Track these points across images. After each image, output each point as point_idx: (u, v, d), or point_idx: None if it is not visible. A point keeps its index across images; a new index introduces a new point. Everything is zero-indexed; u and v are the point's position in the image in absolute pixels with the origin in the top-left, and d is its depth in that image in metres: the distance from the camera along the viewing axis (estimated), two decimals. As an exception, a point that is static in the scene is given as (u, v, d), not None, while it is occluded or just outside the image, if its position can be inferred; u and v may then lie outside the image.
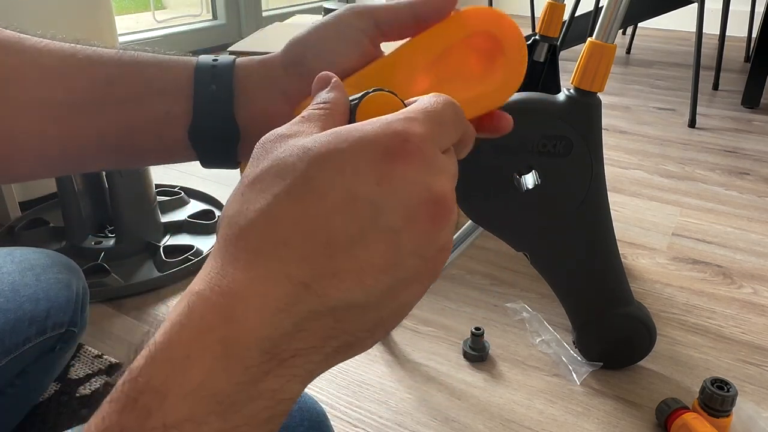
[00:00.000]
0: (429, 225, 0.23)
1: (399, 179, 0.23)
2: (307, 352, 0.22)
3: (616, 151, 1.55)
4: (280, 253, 0.22)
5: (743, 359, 0.83)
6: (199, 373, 0.20)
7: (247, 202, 0.24)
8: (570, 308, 0.79)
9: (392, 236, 0.22)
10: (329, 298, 0.22)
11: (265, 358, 0.21)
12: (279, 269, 0.22)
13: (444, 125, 0.26)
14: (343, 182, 0.22)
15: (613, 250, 0.75)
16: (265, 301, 0.21)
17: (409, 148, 0.23)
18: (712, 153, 1.56)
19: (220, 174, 1.34)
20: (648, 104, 1.93)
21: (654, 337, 0.78)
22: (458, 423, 0.73)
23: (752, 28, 2.50)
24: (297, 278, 0.22)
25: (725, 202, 1.28)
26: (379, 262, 0.22)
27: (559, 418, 0.73)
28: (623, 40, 2.75)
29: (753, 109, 1.90)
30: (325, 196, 0.22)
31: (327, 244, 0.22)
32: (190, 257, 1.02)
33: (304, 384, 0.23)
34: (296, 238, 0.22)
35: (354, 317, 0.23)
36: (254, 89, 0.39)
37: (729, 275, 1.03)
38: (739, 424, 0.70)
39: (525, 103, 0.67)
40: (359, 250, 0.22)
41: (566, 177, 0.62)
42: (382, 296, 0.23)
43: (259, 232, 0.22)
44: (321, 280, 0.22)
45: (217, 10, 2.47)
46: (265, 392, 0.22)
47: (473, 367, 0.81)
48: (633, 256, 1.07)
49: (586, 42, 0.67)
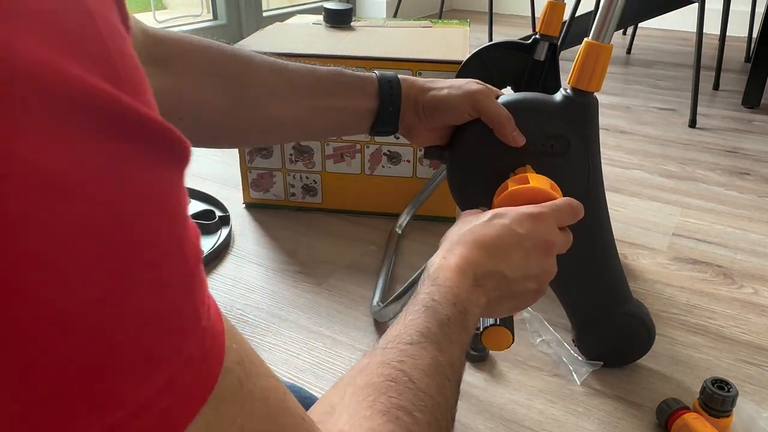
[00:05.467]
0: (545, 252, 0.51)
1: (535, 226, 0.51)
2: (485, 291, 0.48)
3: (616, 151, 1.55)
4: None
5: (744, 359, 0.83)
6: (457, 282, 0.46)
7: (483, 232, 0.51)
8: (569, 308, 0.79)
9: (527, 254, 0.50)
10: (498, 267, 0.48)
11: (473, 282, 0.47)
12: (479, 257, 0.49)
13: (564, 215, 0.54)
14: (510, 224, 0.51)
15: (612, 249, 0.75)
16: (470, 266, 0.47)
17: (540, 216, 0.52)
18: (712, 153, 1.56)
19: (221, 174, 1.34)
20: (648, 104, 1.93)
21: (653, 336, 0.79)
22: (458, 423, 0.72)
23: (753, 28, 2.50)
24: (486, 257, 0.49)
25: (726, 202, 1.28)
26: (520, 263, 0.50)
27: (560, 418, 0.73)
28: (624, 40, 2.75)
29: (753, 109, 1.90)
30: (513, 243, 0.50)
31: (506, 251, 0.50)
32: (190, 257, 1.02)
33: (482, 307, 0.47)
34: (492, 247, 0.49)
35: (505, 285, 0.49)
36: (405, 110, 0.65)
37: (729, 275, 1.03)
38: (740, 424, 0.70)
39: (522, 103, 0.67)
40: (515, 256, 0.49)
41: (564, 176, 0.62)
42: (519, 278, 0.49)
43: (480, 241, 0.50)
44: (497, 261, 0.48)
45: (218, 10, 2.47)
46: (474, 295, 0.47)
47: (473, 367, 0.81)
48: (633, 256, 1.07)
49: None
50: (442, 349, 0.40)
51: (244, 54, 0.63)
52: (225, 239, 1.09)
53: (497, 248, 0.48)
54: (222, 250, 1.07)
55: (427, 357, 0.39)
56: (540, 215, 0.51)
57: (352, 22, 1.30)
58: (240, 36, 2.44)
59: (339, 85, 0.64)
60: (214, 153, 1.46)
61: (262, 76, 0.62)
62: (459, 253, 0.48)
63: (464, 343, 0.44)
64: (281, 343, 0.85)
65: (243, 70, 0.61)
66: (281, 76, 0.63)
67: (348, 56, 1.08)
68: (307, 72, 0.64)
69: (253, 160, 1.18)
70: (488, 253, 0.48)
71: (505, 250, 0.49)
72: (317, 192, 1.19)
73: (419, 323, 0.41)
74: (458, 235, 0.50)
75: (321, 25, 1.29)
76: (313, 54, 1.08)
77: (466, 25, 1.32)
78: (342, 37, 1.21)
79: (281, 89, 0.62)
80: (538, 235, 0.50)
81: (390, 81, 0.64)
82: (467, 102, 0.63)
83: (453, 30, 1.28)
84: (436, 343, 0.40)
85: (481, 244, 0.48)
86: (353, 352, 0.84)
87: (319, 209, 1.21)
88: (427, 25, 1.33)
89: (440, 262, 0.47)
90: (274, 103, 0.62)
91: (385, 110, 0.64)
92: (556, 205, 0.54)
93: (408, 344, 0.39)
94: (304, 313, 0.91)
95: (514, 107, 0.65)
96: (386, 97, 0.64)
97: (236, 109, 0.62)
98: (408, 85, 0.65)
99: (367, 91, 0.64)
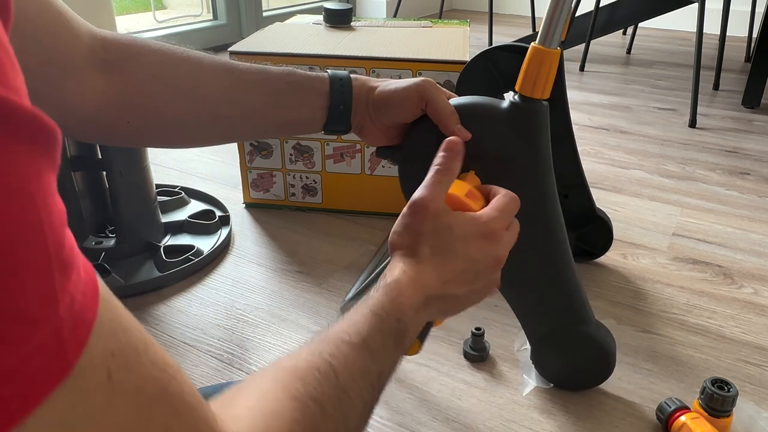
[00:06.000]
0: (494, 270, 0.54)
1: (487, 250, 0.53)
2: (431, 312, 0.50)
3: (616, 151, 1.55)
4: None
5: (744, 359, 0.83)
6: (408, 301, 0.47)
7: (428, 238, 0.51)
8: (523, 323, 0.77)
9: (474, 269, 0.52)
10: (449, 291, 0.51)
11: (423, 303, 0.48)
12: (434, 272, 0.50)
13: (510, 213, 0.55)
14: (466, 247, 0.52)
15: (566, 262, 0.71)
16: (424, 289, 0.49)
17: (494, 237, 0.53)
18: (712, 153, 1.56)
19: (221, 174, 1.34)
20: (648, 104, 1.93)
21: (612, 361, 0.75)
22: (458, 423, 0.73)
23: (753, 28, 2.50)
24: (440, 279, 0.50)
25: (726, 202, 1.28)
26: (469, 284, 0.52)
27: (560, 418, 0.73)
28: (624, 40, 2.75)
29: (753, 109, 1.90)
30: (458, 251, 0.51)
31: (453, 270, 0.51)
32: (190, 257, 1.02)
33: (422, 325, 0.50)
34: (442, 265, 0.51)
35: (451, 304, 0.52)
36: (356, 108, 0.66)
37: (729, 275, 1.03)
38: (740, 424, 0.70)
39: (467, 107, 0.65)
40: (466, 277, 0.52)
41: (511, 183, 0.59)
42: (466, 293, 0.52)
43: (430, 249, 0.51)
44: (450, 287, 0.51)
45: (218, 10, 2.47)
46: (420, 316, 0.49)
47: (474, 367, 0.81)
48: (633, 256, 1.07)
49: (587, 41, 0.66)
50: (376, 359, 0.42)
51: (195, 55, 0.63)
52: (225, 239, 1.09)
53: (454, 276, 0.51)
54: (222, 250, 1.07)
55: (359, 360, 0.40)
56: (493, 235, 0.53)
57: (352, 22, 1.30)
58: (240, 36, 2.44)
59: (290, 84, 0.64)
60: (214, 153, 1.46)
61: (213, 77, 0.62)
62: (418, 272, 0.49)
63: (397, 359, 0.46)
64: (281, 343, 0.85)
65: (193, 71, 0.62)
66: (232, 75, 0.63)
67: (348, 56, 1.08)
68: (258, 71, 0.64)
69: (253, 160, 1.18)
70: (444, 281, 0.50)
71: (460, 275, 0.51)
72: (317, 192, 1.19)
73: (363, 327, 0.43)
74: (432, 240, 0.50)
75: (321, 25, 1.29)
76: (313, 54, 1.08)
77: (466, 25, 1.32)
78: (342, 37, 1.21)
79: (232, 89, 0.63)
80: (490, 255, 0.53)
81: (341, 80, 0.65)
82: (415, 94, 0.63)
83: (453, 30, 1.28)
84: (373, 351, 0.42)
85: (441, 272, 0.50)
86: (353, 352, 0.84)
87: (319, 209, 1.21)
88: (427, 25, 1.33)
89: (399, 276, 0.48)
90: (225, 103, 0.63)
91: (335, 109, 0.65)
92: (505, 211, 0.55)
93: (346, 343, 0.41)
94: (304, 313, 0.91)
95: (460, 111, 0.64)
96: (337, 95, 0.64)
97: (187, 111, 0.62)
98: (359, 84, 0.66)
99: (318, 89, 0.65)
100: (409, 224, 0.51)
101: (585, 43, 2.24)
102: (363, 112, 0.66)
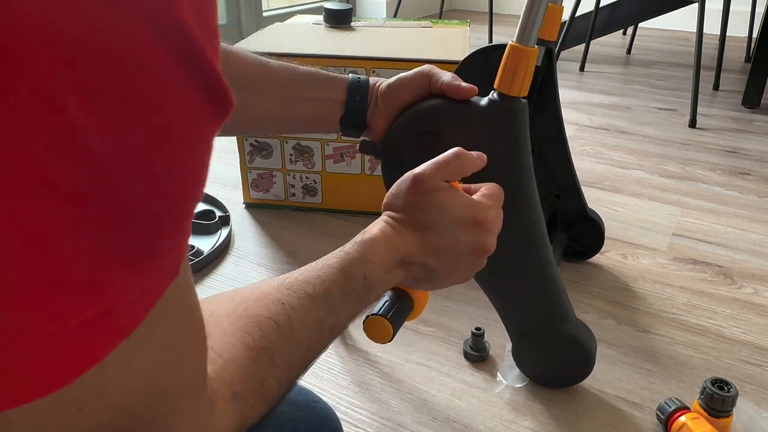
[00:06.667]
0: (480, 255, 0.53)
1: (476, 234, 0.52)
2: (406, 273, 0.51)
3: (616, 151, 1.55)
4: None
5: (744, 359, 0.83)
6: (381, 259, 0.48)
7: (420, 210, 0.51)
8: (504, 319, 0.77)
9: (459, 249, 0.52)
10: (427, 262, 0.51)
11: (398, 264, 0.50)
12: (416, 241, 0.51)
13: (499, 203, 0.55)
14: (454, 227, 0.51)
15: (545, 262, 0.71)
16: (402, 252, 0.50)
17: (485, 224, 0.52)
18: (712, 153, 1.56)
19: (220, 174, 1.34)
20: (648, 104, 1.93)
21: (592, 360, 0.74)
22: (458, 423, 0.73)
23: (753, 28, 2.50)
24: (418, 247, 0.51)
25: (726, 203, 1.28)
26: (450, 263, 0.52)
27: (560, 418, 0.73)
28: (624, 40, 2.75)
29: (753, 109, 1.90)
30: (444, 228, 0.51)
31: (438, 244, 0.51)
32: (190, 257, 1.02)
33: (394, 284, 0.51)
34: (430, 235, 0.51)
35: (426, 274, 0.51)
36: (370, 103, 0.69)
37: (729, 275, 1.03)
38: (740, 424, 0.70)
39: (448, 106, 0.66)
40: (448, 257, 0.52)
41: (489, 180, 0.60)
42: (445, 271, 0.52)
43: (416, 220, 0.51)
44: (429, 257, 0.50)
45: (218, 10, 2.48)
46: (391, 275, 0.50)
47: (474, 367, 0.81)
48: (633, 256, 1.07)
49: (587, 41, 0.66)
50: (333, 313, 0.44)
51: (230, 48, 0.68)
52: (225, 239, 1.09)
53: (435, 251, 0.51)
54: (222, 250, 1.07)
55: (316, 314, 0.43)
56: (485, 222, 0.52)
57: (352, 22, 1.30)
58: (240, 36, 2.44)
59: (313, 80, 0.69)
60: (214, 153, 1.46)
61: (245, 67, 0.67)
62: (397, 234, 0.50)
63: (355, 313, 0.47)
64: (281, 343, 0.85)
65: (229, 61, 0.65)
66: (262, 69, 0.68)
67: (348, 56, 1.08)
68: (286, 68, 0.69)
69: (253, 160, 1.18)
70: (424, 251, 0.50)
71: (442, 251, 0.51)
72: (317, 192, 1.19)
73: (328, 282, 0.45)
74: (419, 212, 0.51)
75: (321, 25, 1.29)
76: (313, 54, 1.08)
77: (466, 25, 1.32)
78: (342, 37, 1.21)
79: (262, 81, 0.67)
80: (479, 240, 0.52)
81: (359, 78, 0.69)
82: (418, 74, 0.67)
83: (453, 30, 1.28)
84: (331, 306, 0.44)
85: (422, 242, 0.50)
86: (353, 352, 0.84)
87: (319, 209, 1.21)
88: (427, 25, 1.33)
89: (377, 234, 0.49)
90: (252, 93, 0.67)
91: (352, 100, 0.68)
92: (496, 200, 0.55)
93: (308, 295, 0.43)
94: (304, 313, 0.91)
95: (440, 109, 0.65)
96: (354, 89, 0.68)
97: None
98: (374, 82, 0.70)
99: (337, 85, 0.69)
100: (402, 191, 0.51)
101: (585, 43, 2.24)
102: (374, 106, 0.69)
